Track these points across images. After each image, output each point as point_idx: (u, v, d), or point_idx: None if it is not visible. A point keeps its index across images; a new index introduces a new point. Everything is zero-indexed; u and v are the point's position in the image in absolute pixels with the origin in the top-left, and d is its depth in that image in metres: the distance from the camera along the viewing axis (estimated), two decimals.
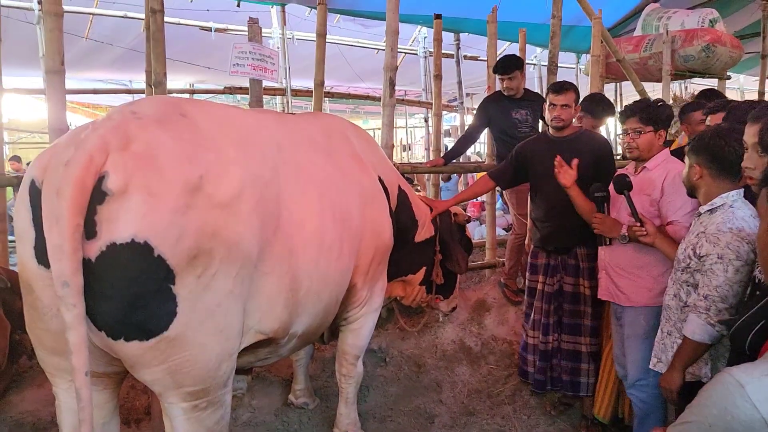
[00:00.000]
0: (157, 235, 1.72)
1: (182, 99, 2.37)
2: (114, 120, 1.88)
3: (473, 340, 4.53)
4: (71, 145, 1.76)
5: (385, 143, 4.69)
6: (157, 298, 1.77)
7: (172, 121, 1.97)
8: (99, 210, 1.68)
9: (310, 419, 3.56)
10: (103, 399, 2.13)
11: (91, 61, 9.10)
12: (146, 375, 1.90)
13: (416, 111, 15.58)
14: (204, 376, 1.96)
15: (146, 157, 1.78)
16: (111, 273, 1.70)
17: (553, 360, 3.59)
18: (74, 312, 1.64)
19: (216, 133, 2.06)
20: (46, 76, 3.18)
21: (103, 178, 1.69)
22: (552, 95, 3.47)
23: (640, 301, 2.97)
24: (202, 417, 2.02)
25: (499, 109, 4.87)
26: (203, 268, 1.84)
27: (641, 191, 2.94)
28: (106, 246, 1.69)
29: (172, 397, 1.97)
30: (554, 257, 3.57)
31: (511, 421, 3.60)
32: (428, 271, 3.62)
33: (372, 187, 3.00)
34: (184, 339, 1.85)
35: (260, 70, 3.92)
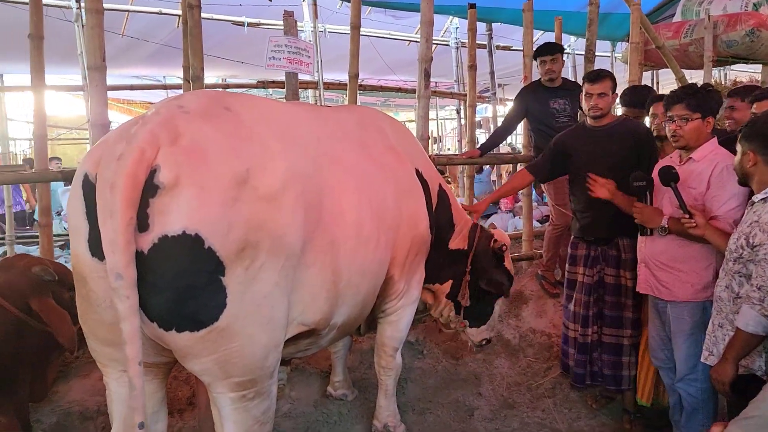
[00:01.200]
0: (208, 227, 1.75)
1: (225, 93, 2.37)
2: (162, 114, 1.91)
3: (511, 332, 4.48)
4: (123, 139, 1.79)
5: (420, 135, 4.65)
6: (208, 290, 1.80)
7: (218, 115, 1.99)
8: (151, 203, 1.72)
9: (350, 411, 3.57)
10: (152, 389, 2.17)
11: (126, 57, 9.24)
12: (196, 365, 1.94)
13: (447, 103, 15.49)
14: (252, 367, 1.99)
15: (196, 151, 1.81)
16: (163, 265, 1.74)
17: (593, 353, 3.51)
18: (127, 303, 1.67)
19: (259, 127, 2.08)
20: (88, 73, 3.22)
21: (155, 171, 1.72)
22: (588, 84, 3.39)
23: (684, 295, 2.89)
24: (250, 407, 2.04)
25: (537, 98, 4.79)
26: (251, 260, 1.86)
27: (686, 184, 2.82)
28: (158, 238, 1.72)
29: (221, 387, 2.00)
30: (594, 248, 3.49)
31: (551, 415, 3.56)
32: (455, 287, 3.41)
33: (408, 179, 2.99)
34: (234, 330, 1.87)
35: (296, 63, 3.92)
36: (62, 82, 8.80)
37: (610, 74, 3.45)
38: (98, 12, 3.21)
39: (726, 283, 2.47)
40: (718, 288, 2.53)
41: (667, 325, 3.00)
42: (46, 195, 3.93)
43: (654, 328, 3.11)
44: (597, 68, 3.64)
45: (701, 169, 2.82)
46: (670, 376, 3.06)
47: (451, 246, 3.38)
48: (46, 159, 3.90)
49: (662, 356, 3.08)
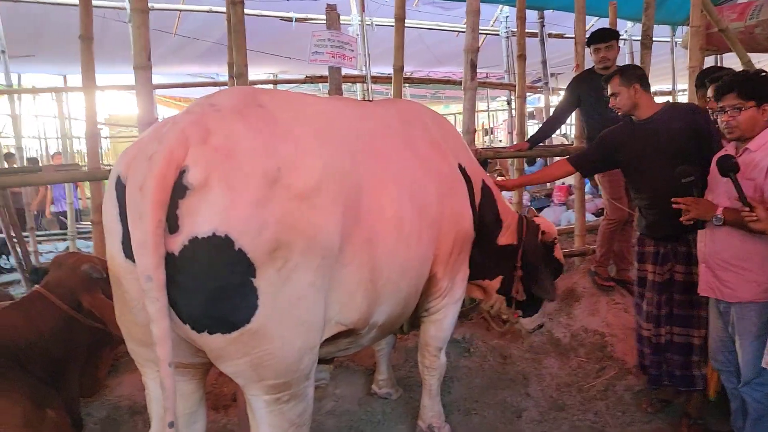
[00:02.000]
0: (238, 228, 1.72)
1: (258, 89, 2.32)
2: (194, 113, 1.89)
3: (562, 331, 4.34)
4: (154, 140, 1.77)
5: (466, 128, 4.54)
6: (239, 292, 1.77)
7: (250, 113, 1.94)
8: (181, 204, 1.69)
9: (393, 410, 3.52)
10: (190, 389, 2.16)
11: (180, 56, 9.48)
12: (229, 367, 1.92)
13: (498, 94, 15.23)
14: (286, 369, 1.95)
15: (225, 151, 1.77)
16: (194, 267, 1.71)
17: (666, 354, 3.31)
18: (157, 305, 1.66)
19: (293, 124, 2.03)
20: (135, 72, 3.27)
21: (184, 172, 1.69)
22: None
23: (749, 296, 2.69)
24: (285, 410, 2.01)
25: (591, 87, 4.59)
26: (283, 261, 1.82)
27: (743, 176, 2.62)
28: (188, 240, 1.69)
29: (255, 389, 1.97)
30: (663, 245, 3.29)
31: (604, 418, 3.41)
32: (505, 282, 3.37)
33: (451, 174, 2.90)
34: (266, 332, 1.84)
35: (339, 57, 3.88)
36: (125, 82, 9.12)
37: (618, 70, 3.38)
38: (143, 11, 3.26)
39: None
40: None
41: (730, 326, 2.82)
42: (98, 193, 4.04)
43: (715, 329, 2.93)
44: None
45: (759, 158, 2.62)
46: (731, 380, 2.88)
47: (499, 242, 3.29)
48: (98, 157, 4.00)
49: (722, 359, 2.90)
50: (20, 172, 4.30)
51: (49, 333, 2.76)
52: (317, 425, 3.32)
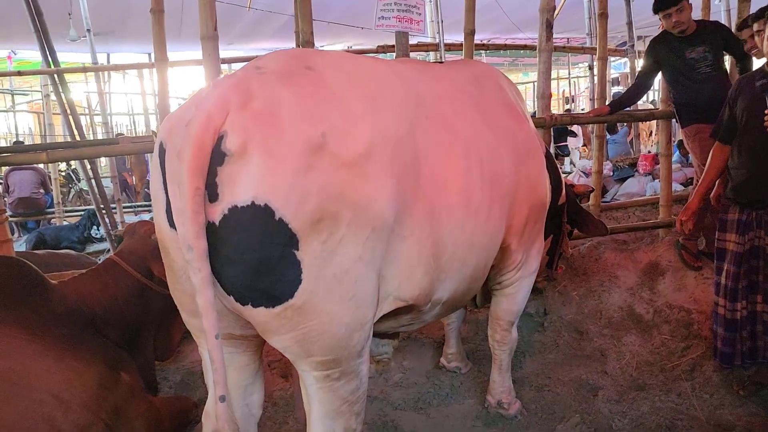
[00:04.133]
0: (278, 197, 1.63)
1: (311, 51, 2.18)
2: (236, 77, 1.80)
3: (644, 307, 4.09)
4: (193, 105, 1.72)
5: (541, 93, 4.33)
6: (281, 264, 1.69)
7: (297, 75, 1.83)
8: (219, 171, 1.62)
9: (462, 383, 3.45)
10: (245, 361, 2.13)
11: (257, 32, 9.60)
12: (276, 342, 1.86)
13: (580, 60, 14.52)
14: (334, 346, 1.86)
15: (265, 115, 1.67)
16: (234, 237, 1.65)
17: (742, 331, 3.10)
18: (200, 276, 1.62)
19: (344, 87, 1.90)
20: (201, 43, 3.28)
21: (222, 138, 1.62)
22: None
23: None
24: (336, 387, 1.93)
25: (670, 50, 4.25)
26: (328, 233, 1.72)
27: None
28: (228, 209, 1.62)
29: (304, 365, 1.91)
30: (748, 212, 3.04)
31: (689, 400, 3.19)
32: (554, 241, 3.33)
33: (528, 141, 2.74)
34: (311, 307, 1.76)
35: (406, 21, 3.75)
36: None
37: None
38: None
39: None
40: None
41: None
42: None
43: None
44: None
45: None
46: None
47: (559, 203, 3.20)
48: None
49: None
50: (98, 144, 4.47)
51: (122, 299, 2.85)
52: (384, 396, 3.30)
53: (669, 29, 4.23)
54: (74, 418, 2.32)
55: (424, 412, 3.19)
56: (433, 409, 3.21)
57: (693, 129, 4.25)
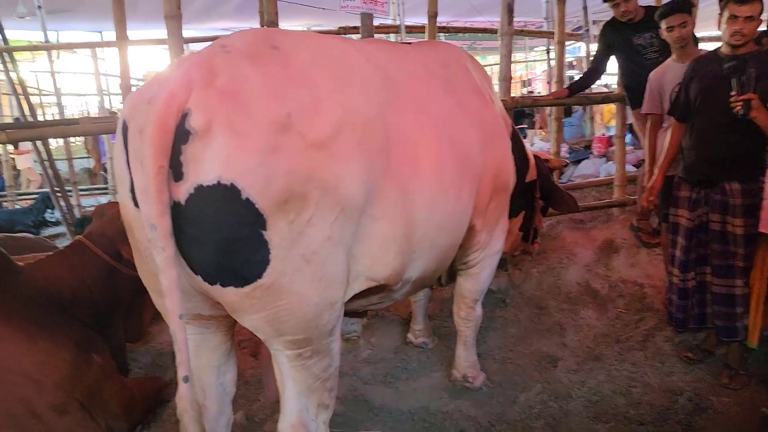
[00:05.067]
0: (244, 176, 1.62)
1: (278, 31, 2.14)
2: (201, 55, 1.77)
3: (600, 282, 4.27)
4: (156, 82, 1.69)
5: (503, 76, 4.44)
6: (249, 244, 1.69)
7: (262, 55, 1.81)
8: (184, 150, 1.60)
9: (429, 358, 3.55)
10: (217, 341, 2.13)
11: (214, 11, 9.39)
12: (247, 322, 1.86)
13: (536, 44, 14.76)
14: (305, 326, 1.87)
15: (231, 94, 1.65)
16: (200, 217, 1.64)
17: (692, 299, 3.32)
18: (164, 255, 1.61)
19: (311, 67, 1.88)
20: (166, 22, 3.24)
21: (186, 116, 1.59)
22: (734, 5, 2.94)
23: None
24: (308, 365, 1.95)
25: (619, 36, 4.43)
26: (296, 214, 1.72)
27: None
28: (193, 188, 1.61)
29: (276, 344, 1.91)
30: (697, 190, 3.23)
31: (642, 368, 3.37)
32: (527, 217, 3.42)
33: (494, 122, 2.80)
34: (280, 287, 1.75)
35: (371, 3, 3.78)
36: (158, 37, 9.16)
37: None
38: None
39: None
40: None
41: None
42: None
43: None
44: None
45: None
46: None
47: (527, 180, 3.26)
48: None
49: None
50: (59, 124, 4.37)
51: (91, 281, 2.83)
52: (353, 371, 3.38)
53: (618, 17, 4.40)
54: (49, 399, 2.33)
55: (392, 386, 3.28)
56: (402, 383, 3.31)
57: (640, 113, 4.44)
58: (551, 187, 3.59)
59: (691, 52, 3.68)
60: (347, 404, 3.07)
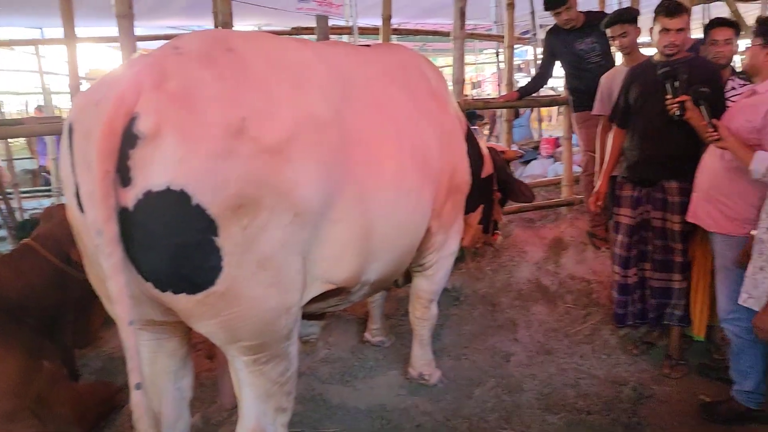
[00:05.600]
0: (195, 182, 1.58)
1: (233, 32, 2.09)
2: (152, 56, 1.73)
3: (549, 279, 4.41)
4: (104, 84, 1.64)
5: (456, 78, 4.53)
6: (201, 251, 1.65)
7: (216, 57, 1.78)
8: (132, 155, 1.55)
9: (386, 356, 3.60)
10: (173, 346, 2.08)
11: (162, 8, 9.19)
12: (201, 328, 1.82)
13: (486, 46, 15.00)
14: (260, 331, 1.85)
15: (182, 97, 1.61)
16: (150, 223, 1.60)
17: (633, 294, 3.48)
18: (110, 261, 1.56)
19: (266, 70, 1.85)
20: (117, 22, 3.19)
21: (134, 119, 1.55)
22: (665, 19, 3.14)
23: (730, 228, 2.80)
24: (265, 370, 1.93)
25: (562, 42, 4.61)
26: (249, 219, 1.68)
27: (741, 115, 2.73)
28: (142, 194, 1.57)
29: (232, 350, 1.89)
30: (639, 189, 3.39)
31: (590, 360, 3.51)
32: (486, 210, 3.49)
33: (451, 126, 2.85)
34: (234, 294, 1.73)
35: (326, 5, 3.81)
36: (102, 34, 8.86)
37: (686, 7, 3.25)
38: None
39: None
40: (759, 230, 2.43)
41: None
42: None
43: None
44: (673, 0, 3.38)
45: (759, 102, 2.70)
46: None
47: (483, 176, 3.32)
48: None
49: None
50: (2, 124, 4.22)
51: (40, 285, 2.75)
52: (311, 371, 3.40)
53: (560, 25, 4.56)
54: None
55: (350, 384, 3.31)
56: (359, 382, 3.34)
57: (582, 116, 4.62)
58: (507, 178, 3.67)
59: (636, 58, 3.84)
60: (305, 404, 3.08)
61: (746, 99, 2.80)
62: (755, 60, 2.73)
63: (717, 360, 3.39)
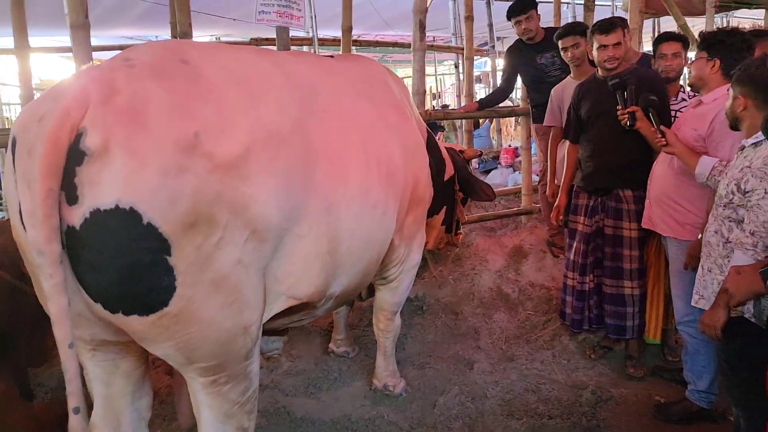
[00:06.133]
0: (145, 200, 1.52)
1: (188, 43, 2.05)
2: (101, 69, 1.67)
3: (510, 286, 4.48)
4: (49, 98, 1.57)
5: (416, 90, 4.57)
6: (153, 271, 1.59)
7: (170, 69, 1.73)
8: (78, 172, 1.49)
9: (350, 368, 3.60)
10: (129, 366, 2.00)
11: (117, 18, 9.04)
12: (156, 350, 1.76)
13: (445, 58, 15.22)
14: (217, 352, 1.80)
15: (131, 112, 1.55)
16: (97, 242, 1.53)
17: (590, 300, 3.57)
18: (51, 282, 1.50)
19: (222, 82, 1.80)
20: (71, 32, 3.11)
21: (81, 135, 1.49)
22: (601, 36, 3.29)
23: (683, 233, 2.92)
24: (224, 391, 1.88)
25: (522, 57, 4.73)
26: (204, 237, 1.63)
27: (689, 125, 2.87)
28: (89, 212, 1.51)
29: (189, 372, 1.83)
30: (594, 198, 3.49)
31: (550, 366, 3.58)
32: (448, 211, 3.53)
33: (414, 138, 2.85)
34: (189, 315, 1.67)
35: (286, 17, 3.81)
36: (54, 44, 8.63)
37: (621, 21, 3.39)
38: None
39: (715, 228, 2.46)
40: (707, 233, 2.53)
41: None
42: None
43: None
44: (607, 18, 3.51)
45: (706, 111, 2.83)
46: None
47: (445, 178, 3.36)
48: None
49: None
50: None
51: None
52: (275, 384, 3.37)
53: (519, 35, 4.69)
54: None
55: (314, 396, 3.30)
56: (324, 393, 3.33)
57: (542, 127, 4.74)
58: (468, 177, 3.71)
59: (586, 71, 3.97)
60: (269, 417, 3.06)
61: (693, 109, 2.93)
62: (701, 72, 2.85)
63: (671, 362, 3.52)
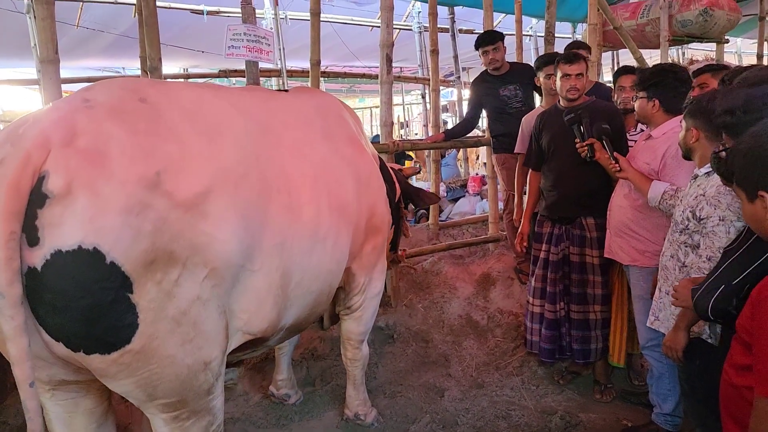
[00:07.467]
0: (108, 239, 1.54)
1: (145, 82, 2.08)
2: (60, 110, 1.68)
3: (479, 314, 4.55)
4: (7, 142, 1.57)
5: (384, 121, 4.66)
6: (115, 309, 1.60)
7: (129, 110, 1.75)
8: (40, 214, 1.51)
9: (321, 398, 3.59)
10: (91, 404, 2.00)
11: (83, 49, 9.00)
12: (117, 387, 1.77)
13: (413, 88, 15.48)
14: (178, 388, 1.81)
15: (93, 153, 1.58)
16: (59, 283, 1.54)
17: (561, 329, 3.62)
18: (12, 324, 1.50)
19: (181, 121, 1.84)
20: (41, 66, 3.12)
21: (43, 178, 1.51)
22: (565, 66, 3.43)
23: (642, 261, 3.03)
24: (186, 426, 1.89)
25: (487, 89, 4.88)
26: (163, 273, 1.66)
27: (641, 157, 3.01)
28: (50, 254, 1.51)
29: (151, 408, 1.84)
30: (559, 226, 3.58)
31: (520, 392, 3.63)
32: (396, 230, 3.51)
33: (369, 170, 2.88)
34: (150, 351, 1.69)
35: (256, 51, 3.87)
36: (18, 76, 8.54)
37: (584, 56, 3.54)
38: (48, 3, 3.10)
39: (672, 252, 2.58)
40: (663, 257, 2.65)
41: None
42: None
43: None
44: (572, 49, 3.67)
45: (657, 145, 2.95)
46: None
47: (396, 200, 3.37)
48: None
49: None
50: None
51: None
52: (246, 416, 3.35)
53: (486, 65, 4.84)
54: None
55: (286, 427, 3.29)
56: (295, 425, 3.32)
57: (501, 158, 4.89)
58: (412, 191, 3.75)
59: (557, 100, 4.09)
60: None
61: (644, 142, 3.07)
62: (644, 112, 3.01)
63: (637, 386, 3.60)
